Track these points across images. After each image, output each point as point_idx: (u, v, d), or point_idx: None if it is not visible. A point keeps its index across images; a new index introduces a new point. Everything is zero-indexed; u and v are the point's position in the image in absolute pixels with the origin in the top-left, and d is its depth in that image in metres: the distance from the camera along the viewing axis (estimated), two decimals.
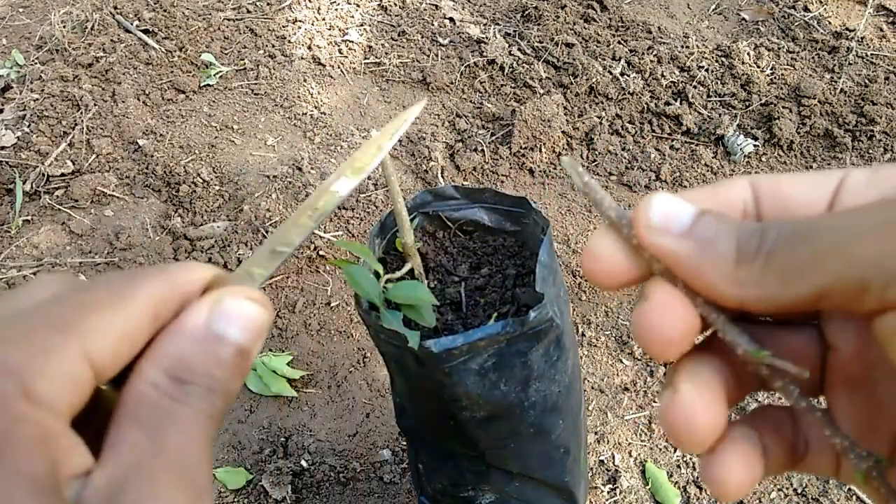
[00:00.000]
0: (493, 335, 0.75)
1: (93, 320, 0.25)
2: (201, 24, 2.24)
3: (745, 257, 0.27)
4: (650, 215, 0.29)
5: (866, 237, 0.24)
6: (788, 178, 0.31)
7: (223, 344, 0.27)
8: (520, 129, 1.89)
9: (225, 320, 0.28)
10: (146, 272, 0.28)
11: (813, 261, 0.25)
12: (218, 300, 0.28)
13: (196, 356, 0.27)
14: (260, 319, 0.29)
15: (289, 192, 1.81)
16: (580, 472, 1.06)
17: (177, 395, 0.26)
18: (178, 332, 0.27)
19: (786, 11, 2.38)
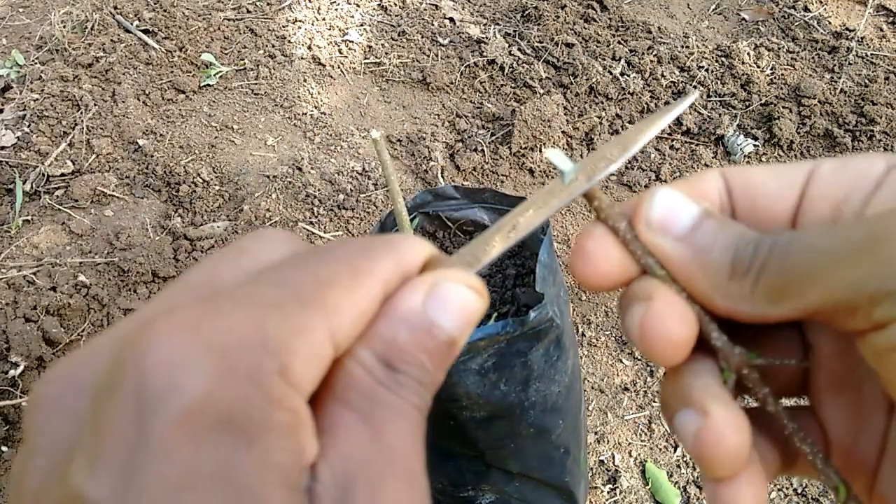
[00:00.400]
0: (493, 335, 0.75)
1: (336, 296, 0.24)
2: (201, 24, 2.24)
3: (738, 271, 0.27)
4: (651, 212, 0.29)
5: (849, 259, 0.24)
6: (759, 170, 0.31)
7: (436, 332, 0.26)
8: (520, 129, 1.89)
9: (441, 306, 0.26)
10: (376, 246, 0.26)
11: (801, 283, 0.26)
12: (435, 283, 0.26)
13: (409, 342, 0.25)
14: (475, 309, 0.27)
15: (289, 192, 1.81)
16: (580, 472, 1.06)
17: (389, 383, 0.25)
18: (392, 314, 0.26)
19: (786, 11, 2.38)
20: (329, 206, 1.77)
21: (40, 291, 1.52)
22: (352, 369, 0.24)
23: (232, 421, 0.20)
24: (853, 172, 0.29)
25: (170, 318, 0.22)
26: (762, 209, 0.30)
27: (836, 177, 0.29)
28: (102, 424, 0.21)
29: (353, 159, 1.92)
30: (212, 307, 0.22)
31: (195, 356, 0.21)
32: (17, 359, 1.42)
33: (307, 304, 0.23)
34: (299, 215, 1.75)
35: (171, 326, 0.21)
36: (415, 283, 0.26)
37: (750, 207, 0.30)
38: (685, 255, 0.29)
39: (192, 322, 0.21)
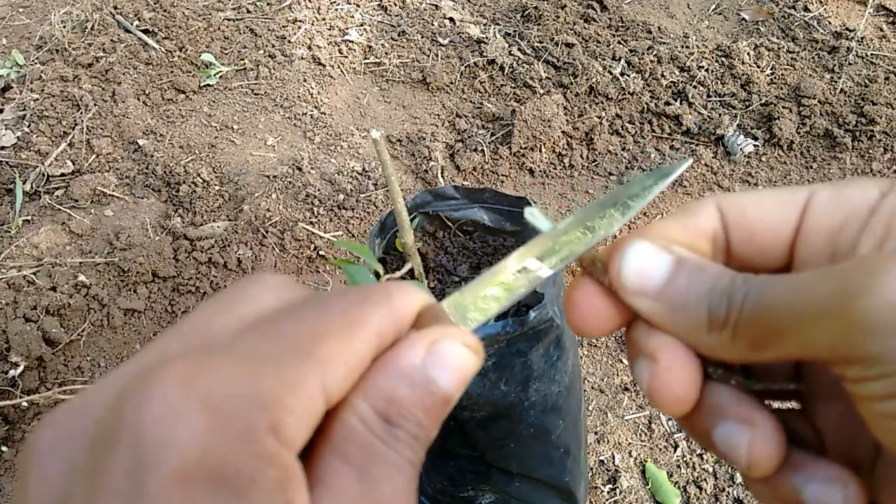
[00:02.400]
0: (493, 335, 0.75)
1: (329, 349, 0.24)
2: (201, 24, 2.24)
3: (715, 324, 0.28)
4: (623, 273, 0.30)
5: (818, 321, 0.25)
6: (754, 200, 0.31)
7: (434, 389, 0.26)
8: (520, 129, 1.89)
9: (440, 365, 0.27)
10: (371, 296, 0.27)
11: (776, 337, 0.26)
12: (436, 341, 0.27)
13: (407, 398, 0.26)
14: (472, 367, 0.28)
15: (289, 192, 1.81)
16: (580, 472, 1.06)
17: (386, 437, 0.25)
18: (391, 368, 0.26)
19: (786, 11, 2.38)
20: (329, 206, 1.77)
21: (40, 291, 1.52)
22: (349, 422, 0.25)
23: (223, 477, 0.21)
24: (848, 202, 0.29)
25: (166, 371, 0.22)
26: (759, 241, 0.30)
27: (832, 206, 0.29)
28: (98, 476, 0.21)
29: (353, 159, 1.92)
30: (207, 360, 0.23)
31: (190, 411, 0.21)
32: (17, 359, 1.42)
33: (301, 357, 0.24)
34: (299, 215, 1.75)
35: (168, 379, 0.22)
36: (415, 339, 0.27)
37: (747, 240, 0.31)
38: (663, 313, 0.29)
39: (188, 376, 0.22)
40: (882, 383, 0.24)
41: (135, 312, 1.58)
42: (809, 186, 0.30)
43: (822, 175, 1.90)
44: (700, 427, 0.31)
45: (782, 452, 0.29)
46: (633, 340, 0.31)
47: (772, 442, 0.29)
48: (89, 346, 1.54)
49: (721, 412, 0.30)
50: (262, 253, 1.67)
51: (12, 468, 1.38)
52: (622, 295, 0.30)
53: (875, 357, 0.24)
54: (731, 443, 0.29)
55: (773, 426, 0.29)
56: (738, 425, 0.29)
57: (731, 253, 0.31)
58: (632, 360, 0.31)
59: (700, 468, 1.37)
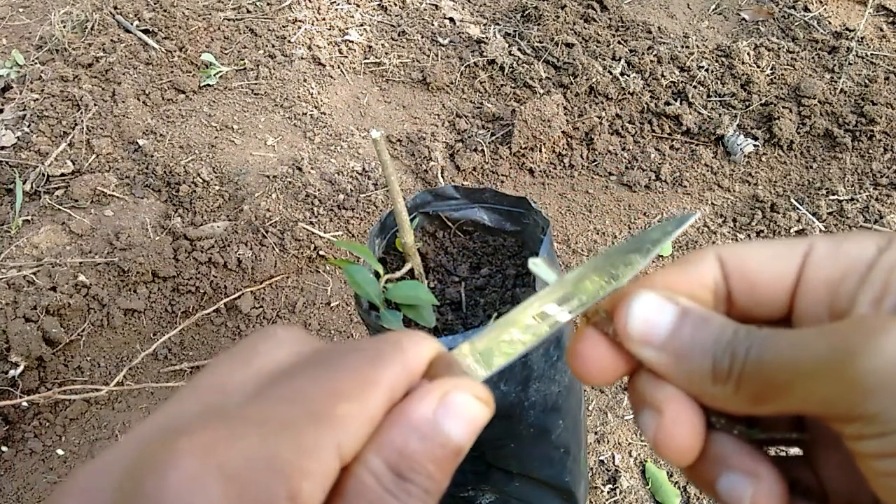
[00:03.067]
0: None
1: (343, 410, 0.25)
2: (201, 24, 2.24)
3: (719, 377, 0.28)
4: (629, 324, 0.30)
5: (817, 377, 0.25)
6: (755, 251, 0.31)
7: (444, 441, 0.27)
8: (520, 129, 1.89)
9: (451, 417, 0.27)
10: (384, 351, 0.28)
11: (777, 392, 0.27)
12: (446, 393, 0.27)
13: (419, 452, 0.26)
14: (483, 420, 0.28)
15: (289, 192, 1.81)
16: (580, 472, 1.06)
17: (398, 492, 0.26)
18: (403, 422, 0.27)
19: (786, 11, 2.38)
20: (329, 206, 1.77)
21: (40, 291, 1.52)
22: (362, 477, 0.25)
23: None
24: (846, 256, 0.30)
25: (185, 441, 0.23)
26: (760, 292, 0.31)
27: (830, 260, 0.30)
28: None
29: (353, 159, 1.92)
30: (225, 429, 0.23)
31: (210, 482, 0.22)
32: (17, 359, 1.42)
33: (317, 420, 0.24)
34: (299, 215, 1.75)
35: (187, 450, 0.22)
36: (426, 392, 0.27)
37: (748, 291, 0.31)
38: (668, 363, 0.30)
39: (207, 446, 0.23)
40: (879, 442, 0.25)
41: (135, 312, 1.58)
42: (808, 238, 0.31)
43: (823, 175, 1.90)
44: (704, 476, 0.31)
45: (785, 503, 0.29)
46: (637, 391, 0.31)
47: (775, 494, 0.29)
48: (89, 346, 1.54)
49: (725, 462, 0.30)
50: (262, 253, 1.67)
51: (12, 468, 1.38)
52: (627, 345, 0.31)
53: (872, 416, 0.24)
54: (734, 493, 0.30)
55: (776, 478, 0.29)
56: (742, 476, 0.30)
57: (732, 303, 0.32)
58: (636, 410, 0.32)
59: None
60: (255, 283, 1.66)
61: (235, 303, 1.61)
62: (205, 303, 1.62)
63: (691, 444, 0.30)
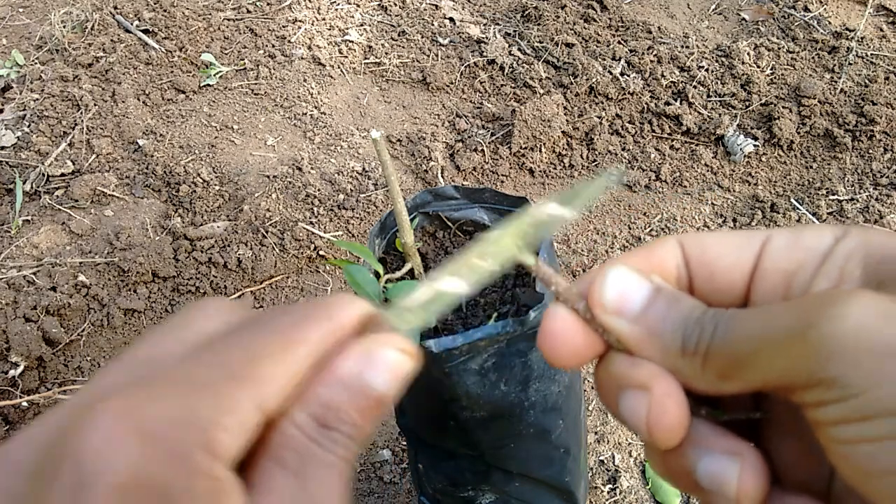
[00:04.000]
0: (493, 335, 0.75)
1: (264, 369, 0.26)
2: (201, 24, 2.24)
3: (688, 351, 0.29)
4: (604, 295, 0.31)
5: (779, 348, 0.26)
6: (715, 239, 0.32)
7: (368, 392, 0.28)
8: (520, 129, 1.89)
9: (374, 369, 0.28)
10: (311, 313, 0.29)
11: (741, 365, 0.27)
12: (369, 349, 0.29)
13: (344, 404, 0.28)
14: (406, 370, 0.30)
15: (289, 192, 1.81)
16: (580, 472, 1.06)
17: (320, 439, 0.27)
18: (328, 378, 0.28)
19: (786, 11, 2.38)
20: (329, 206, 1.77)
21: (40, 291, 1.52)
22: (286, 431, 0.27)
23: (158, 492, 0.23)
24: (803, 246, 0.30)
25: (105, 404, 0.24)
26: (718, 279, 0.32)
27: (788, 250, 0.31)
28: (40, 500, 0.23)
29: (353, 159, 1.92)
30: (145, 392, 0.25)
31: (126, 438, 0.23)
32: (17, 359, 1.42)
33: (236, 380, 0.26)
34: (299, 215, 1.75)
35: (106, 412, 0.24)
36: (351, 349, 0.29)
37: (707, 278, 0.32)
38: (640, 336, 0.30)
39: (126, 407, 0.24)
40: (838, 407, 0.25)
41: (135, 312, 1.58)
42: (767, 231, 0.32)
43: (823, 175, 1.90)
44: (680, 464, 0.31)
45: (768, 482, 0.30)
46: (612, 374, 0.32)
47: (760, 472, 0.29)
48: (89, 346, 1.54)
49: (704, 444, 0.30)
50: (262, 253, 1.67)
51: None
52: (600, 316, 0.31)
53: (832, 380, 0.25)
54: (718, 476, 0.30)
55: (758, 456, 0.30)
56: (724, 457, 0.30)
57: (692, 290, 0.33)
58: (613, 395, 0.32)
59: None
60: (255, 283, 1.66)
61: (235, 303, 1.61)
62: None
63: (682, 420, 0.30)
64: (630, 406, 0.31)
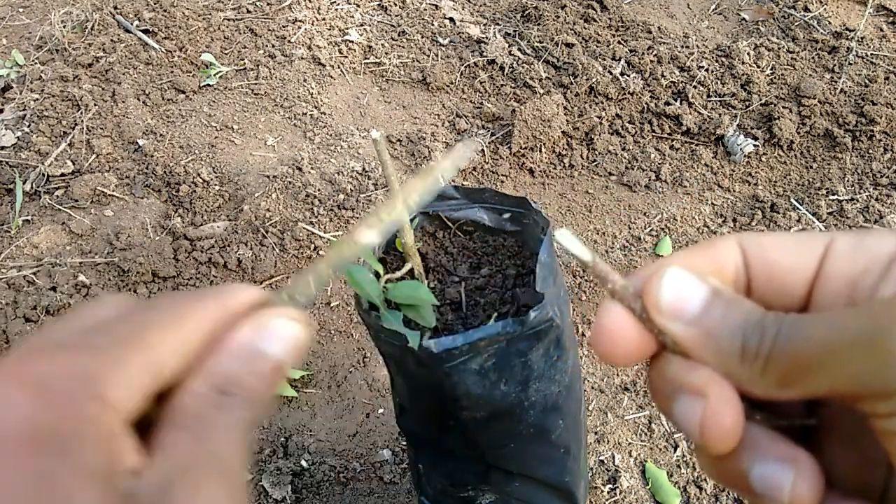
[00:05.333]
0: (494, 335, 0.75)
1: (155, 336, 0.28)
2: (201, 24, 2.24)
3: (747, 356, 0.28)
4: (661, 297, 0.30)
5: (850, 356, 0.26)
6: (776, 241, 0.32)
7: (264, 359, 0.30)
8: (520, 129, 1.89)
9: (268, 338, 0.30)
10: (203, 295, 0.31)
11: (805, 372, 0.27)
12: (262, 320, 0.30)
13: (239, 370, 0.29)
14: (298, 336, 0.31)
15: (289, 192, 1.81)
16: (580, 472, 1.06)
17: (219, 404, 0.28)
18: (224, 349, 0.29)
19: (786, 11, 2.38)
20: (329, 206, 1.77)
21: (40, 291, 1.52)
22: (187, 398, 0.28)
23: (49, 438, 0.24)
24: (867, 250, 0.30)
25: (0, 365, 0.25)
26: (779, 282, 0.31)
27: (851, 254, 0.30)
28: None
29: (353, 159, 1.92)
30: (36, 353, 0.26)
31: (18, 392, 0.24)
32: None
33: (127, 343, 0.27)
34: (299, 215, 1.75)
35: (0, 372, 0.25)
36: (244, 322, 0.30)
37: (767, 279, 0.31)
38: (697, 339, 0.30)
39: (15, 366, 0.25)
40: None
41: None
42: (830, 233, 0.31)
43: (823, 175, 1.90)
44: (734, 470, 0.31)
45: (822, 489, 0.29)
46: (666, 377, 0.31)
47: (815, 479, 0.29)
48: None
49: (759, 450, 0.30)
50: (262, 253, 1.67)
51: None
52: (656, 318, 0.30)
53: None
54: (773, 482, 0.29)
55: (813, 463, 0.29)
56: (779, 464, 0.29)
57: (750, 291, 0.32)
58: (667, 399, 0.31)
59: (700, 468, 1.37)
60: (255, 283, 1.66)
61: None
62: None
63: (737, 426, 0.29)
64: (684, 410, 0.30)
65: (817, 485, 0.29)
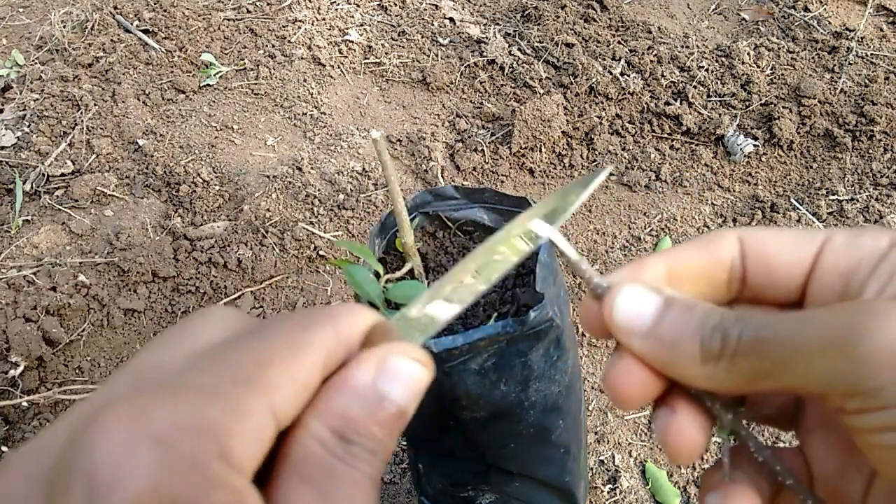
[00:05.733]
0: (494, 335, 0.75)
1: (274, 374, 0.25)
2: (201, 24, 2.24)
3: (709, 356, 0.29)
4: (614, 314, 0.31)
5: (820, 354, 0.26)
6: (775, 236, 0.32)
7: (387, 404, 0.27)
8: (520, 129, 1.89)
9: (390, 380, 0.27)
10: (315, 318, 0.28)
11: (774, 370, 0.27)
12: (384, 358, 0.28)
13: (361, 415, 0.26)
14: (422, 381, 0.29)
15: (289, 192, 1.81)
16: (580, 472, 1.06)
17: (342, 454, 0.26)
18: (344, 388, 0.27)
19: (786, 11, 2.38)
20: (329, 206, 1.77)
21: (40, 291, 1.52)
22: (306, 443, 0.26)
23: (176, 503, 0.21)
24: (861, 247, 0.31)
25: (113, 411, 0.23)
26: (775, 275, 0.32)
27: (846, 250, 0.31)
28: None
29: (353, 159, 1.92)
30: (152, 397, 0.23)
31: (139, 446, 0.22)
32: (17, 359, 1.42)
33: (246, 385, 0.24)
34: (299, 215, 1.75)
35: (115, 418, 0.22)
36: (364, 357, 0.28)
37: (763, 273, 0.32)
38: (655, 350, 0.30)
39: (134, 414, 0.23)
40: (882, 415, 0.26)
41: (135, 312, 1.58)
42: (827, 230, 0.32)
43: (823, 175, 1.90)
44: None
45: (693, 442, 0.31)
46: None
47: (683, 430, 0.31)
48: (89, 346, 1.54)
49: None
50: (262, 253, 1.67)
51: None
52: (614, 334, 0.31)
53: (877, 390, 0.25)
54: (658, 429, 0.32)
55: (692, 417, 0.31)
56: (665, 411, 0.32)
57: (746, 284, 0.33)
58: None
59: (700, 468, 1.37)
60: (255, 283, 1.66)
61: (235, 303, 1.61)
62: (205, 303, 1.62)
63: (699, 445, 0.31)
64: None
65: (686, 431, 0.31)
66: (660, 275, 0.32)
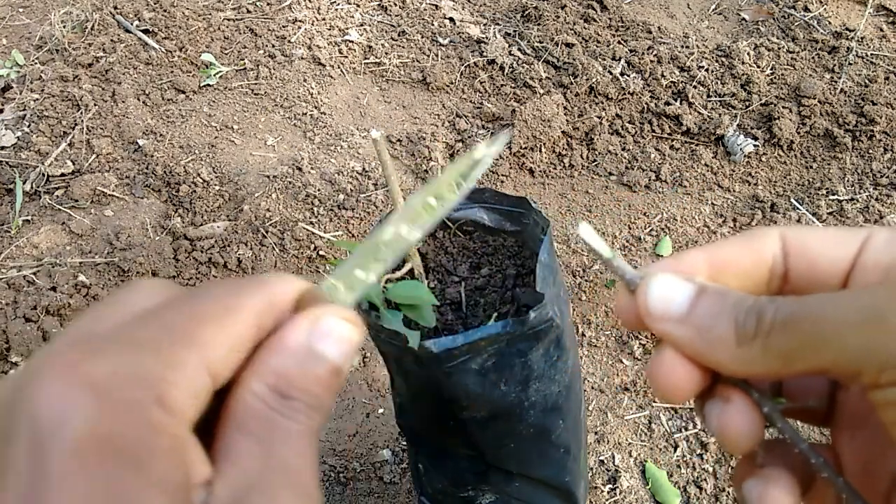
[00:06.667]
0: (494, 335, 0.75)
1: (208, 332, 0.26)
2: (201, 24, 2.24)
3: (744, 338, 0.29)
4: (648, 302, 0.31)
5: (857, 328, 0.27)
6: (817, 234, 0.33)
7: (321, 362, 0.28)
8: (520, 129, 1.89)
9: (323, 339, 0.28)
10: (247, 284, 0.29)
11: (810, 347, 0.28)
12: (317, 319, 0.29)
13: (297, 372, 0.28)
14: (354, 339, 0.30)
15: (289, 192, 1.81)
16: (580, 472, 1.06)
17: (282, 409, 0.27)
18: (280, 347, 0.28)
19: (786, 11, 2.38)
20: (329, 206, 1.77)
21: (40, 291, 1.52)
22: (246, 399, 0.27)
23: (118, 447, 0.22)
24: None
25: (51, 363, 0.23)
26: (817, 271, 0.32)
27: (886, 246, 0.31)
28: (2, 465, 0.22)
29: (353, 159, 1.92)
30: (89, 351, 0.24)
31: (78, 393, 0.23)
32: (17, 359, 1.42)
33: (181, 341, 0.25)
34: (299, 215, 1.75)
35: (54, 371, 0.23)
36: (298, 319, 0.29)
37: (805, 269, 0.33)
38: (689, 334, 0.31)
39: (72, 365, 0.23)
40: None
41: None
42: (868, 228, 0.32)
43: (823, 175, 1.90)
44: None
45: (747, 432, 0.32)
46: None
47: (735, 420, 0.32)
48: None
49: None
50: (262, 253, 1.67)
51: None
52: (648, 322, 0.31)
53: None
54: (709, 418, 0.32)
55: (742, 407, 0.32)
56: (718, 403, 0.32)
57: (787, 280, 0.33)
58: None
59: (700, 468, 1.37)
60: None
61: None
62: None
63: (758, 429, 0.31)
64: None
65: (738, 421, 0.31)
66: (700, 269, 0.33)
